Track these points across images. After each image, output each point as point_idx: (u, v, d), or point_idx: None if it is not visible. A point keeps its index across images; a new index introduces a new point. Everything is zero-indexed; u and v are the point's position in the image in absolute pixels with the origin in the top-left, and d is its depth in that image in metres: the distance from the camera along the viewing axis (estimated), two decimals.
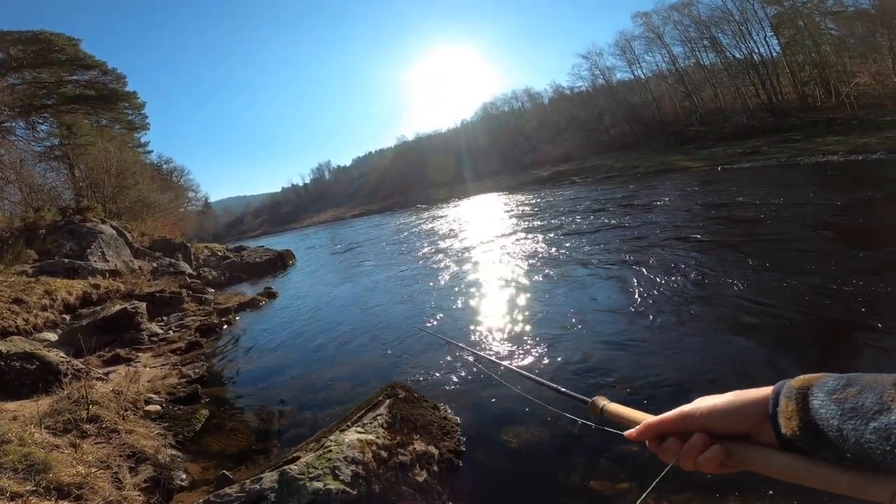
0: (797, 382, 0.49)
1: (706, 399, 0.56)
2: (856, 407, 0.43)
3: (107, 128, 29.73)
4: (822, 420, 0.45)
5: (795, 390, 0.49)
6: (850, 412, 0.43)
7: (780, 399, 0.50)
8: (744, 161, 23.09)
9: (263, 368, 5.93)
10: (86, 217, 13.60)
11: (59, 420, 3.49)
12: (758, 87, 35.81)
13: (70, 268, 10.41)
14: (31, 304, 7.89)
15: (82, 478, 2.69)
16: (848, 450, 0.44)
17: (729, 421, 0.53)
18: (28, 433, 3.06)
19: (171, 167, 38.77)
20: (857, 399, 0.44)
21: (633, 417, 0.63)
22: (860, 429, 0.42)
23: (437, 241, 15.73)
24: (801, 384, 0.49)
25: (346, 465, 2.59)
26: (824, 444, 0.46)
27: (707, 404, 0.55)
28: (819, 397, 0.47)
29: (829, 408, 0.45)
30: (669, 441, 0.57)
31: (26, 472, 2.61)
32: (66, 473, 2.67)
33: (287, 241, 31.36)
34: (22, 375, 4.98)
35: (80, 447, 3.11)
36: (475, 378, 4.34)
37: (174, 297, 10.16)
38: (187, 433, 4.10)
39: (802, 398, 0.48)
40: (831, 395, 0.46)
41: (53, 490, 2.54)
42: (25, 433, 3.04)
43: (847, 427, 0.43)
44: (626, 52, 45.10)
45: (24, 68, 26.23)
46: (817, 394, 0.47)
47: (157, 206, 24.42)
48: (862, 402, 0.43)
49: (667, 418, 0.58)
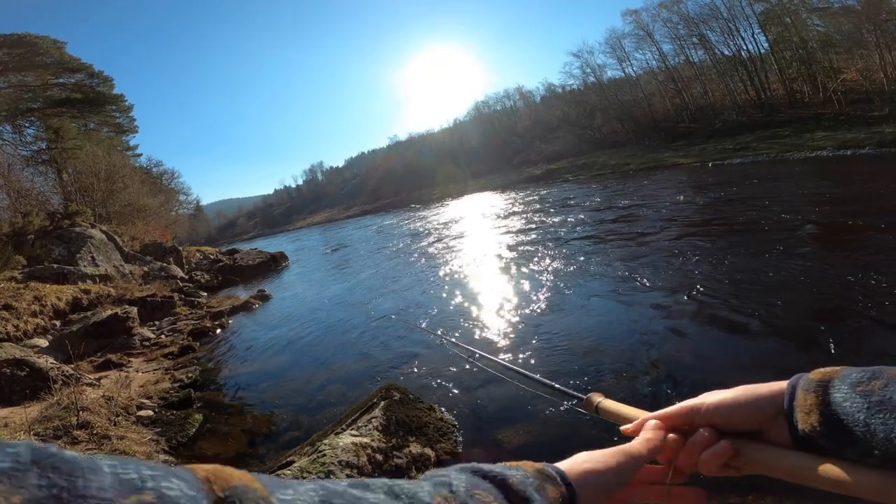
0: (816, 375, 0.46)
1: (712, 393, 0.52)
2: (884, 400, 0.40)
3: (95, 131, 29.45)
4: (846, 414, 0.42)
5: (815, 383, 0.46)
6: (878, 405, 0.40)
7: (797, 392, 0.46)
8: (734, 157, 23.27)
9: (257, 372, 5.88)
10: (75, 222, 13.44)
11: (49, 426, 3.45)
12: (746, 84, 36.19)
13: (60, 273, 10.29)
14: (20, 310, 7.80)
15: None
16: (876, 446, 0.41)
17: (738, 416, 0.49)
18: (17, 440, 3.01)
19: (161, 170, 38.47)
20: (885, 392, 0.41)
21: (629, 414, 0.59)
22: (889, 423, 0.39)
23: (431, 241, 15.71)
24: (821, 377, 0.46)
25: (340, 470, 2.57)
26: (849, 440, 0.42)
27: (714, 398, 0.51)
28: (842, 390, 0.43)
29: (855, 401, 0.42)
30: (670, 438, 0.53)
31: None
32: None
33: (280, 244, 31.20)
34: (12, 382, 4.92)
35: None
36: (471, 378, 4.32)
37: (166, 302, 10.08)
38: (181, 438, 4.05)
39: (823, 391, 0.45)
40: (856, 387, 0.43)
41: None
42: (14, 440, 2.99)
43: (875, 421, 0.40)
44: (616, 50, 45.42)
45: (9, 71, 25.94)
46: (840, 386, 0.44)
47: (148, 210, 24.23)
48: (890, 394, 0.40)
49: (669, 413, 0.54)
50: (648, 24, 40.91)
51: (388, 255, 14.64)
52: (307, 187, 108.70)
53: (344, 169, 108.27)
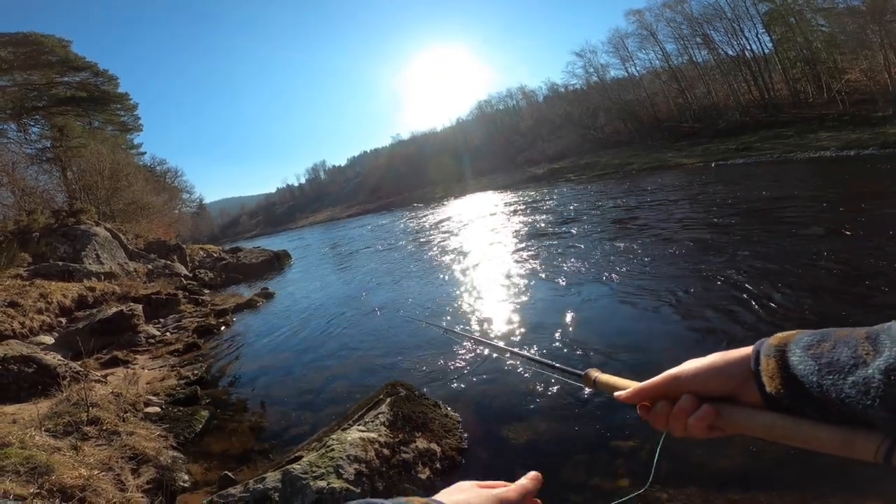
0: (775, 340, 0.50)
1: (691, 361, 0.55)
2: (832, 362, 0.44)
3: (99, 129, 29.50)
4: (802, 376, 0.45)
5: (774, 348, 0.49)
6: (827, 367, 0.44)
7: (760, 357, 0.50)
8: (737, 157, 23.22)
9: (262, 369, 5.92)
10: (79, 219, 13.49)
11: (59, 423, 3.48)
12: (750, 84, 36.10)
13: (65, 270, 10.34)
14: (26, 307, 7.84)
15: (85, 480, 2.68)
16: (831, 405, 0.44)
17: (714, 381, 0.53)
18: (28, 436, 3.05)
19: (164, 168, 38.52)
20: (833, 353, 0.44)
21: (623, 385, 0.63)
22: (839, 384, 0.42)
23: (433, 239, 15.73)
24: (778, 342, 0.49)
25: (349, 464, 2.59)
26: (808, 400, 0.46)
27: (692, 366, 0.55)
28: (797, 353, 0.47)
29: (807, 364, 0.45)
30: (659, 405, 0.57)
31: (29, 475, 2.59)
32: (68, 476, 2.65)
33: (283, 242, 31.24)
34: (20, 379, 4.95)
35: (82, 449, 3.10)
36: (475, 374, 4.36)
37: (170, 299, 10.12)
38: (188, 434, 4.09)
39: (782, 355, 0.48)
40: (807, 350, 0.46)
41: (57, 492, 2.52)
42: (26, 436, 3.03)
43: (826, 382, 0.43)
44: (619, 49, 45.39)
45: (15, 70, 25.95)
46: (794, 350, 0.47)
47: (152, 208, 24.29)
48: (837, 356, 0.43)
49: (655, 382, 0.57)
50: (652, 24, 40.90)
51: (390, 254, 14.68)
52: (310, 186, 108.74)
53: (346, 168, 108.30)
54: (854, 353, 0.42)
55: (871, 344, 0.42)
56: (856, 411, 0.42)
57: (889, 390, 0.39)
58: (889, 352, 0.40)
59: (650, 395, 0.58)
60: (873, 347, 0.42)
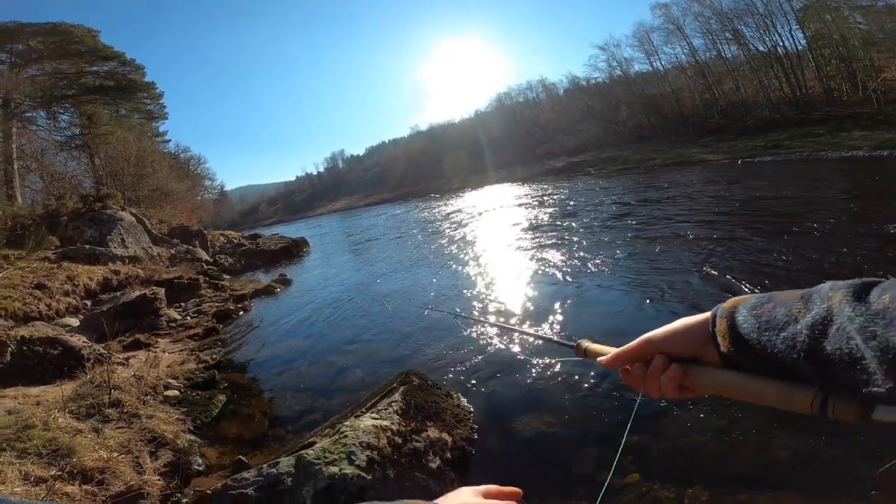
0: (728, 304, 0.53)
1: (661, 328, 0.59)
2: (770, 320, 0.47)
3: (126, 117, 30.08)
4: (745, 334, 0.49)
5: (726, 310, 0.52)
6: (765, 325, 0.47)
7: (716, 320, 0.53)
8: (765, 155, 22.53)
9: (278, 354, 6.01)
10: (106, 204, 13.81)
11: (82, 405, 3.56)
12: (781, 81, 34.94)
13: (91, 254, 10.61)
14: (53, 289, 8.07)
15: (104, 462, 2.74)
16: (770, 360, 0.47)
17: (681, 343, 0.57)
18: (52, 418, 3.13)
19: (188, 156, 39.12)
20: (772, 313, 0.48)
21: (606, 352, 0.68)
22: (773, 339, 0.46)
23: (449, 229, 15.71)
24: (730, 305, 0.53)
25: (361, 451, 2.61)
26: (754, 357, 0.49)
27: (663, 329, 0.59)
28: (742, 313, 0.50)
29: (750, 322, 0.49)
30: (636, 367, 0.61)
31: (50, 457, 2.67)
32: (89, 458, 2.72)
33: (301, 229, 31.60)
34: (45, 361, 5.10)
35: (103, 432, 3.17)
36: (488, 366, 4.36)
37: (192, 284, 10.32)
38: (205, 419, 4.15)
39: (731, 316, 0.51)
40: (752, 310, 0.50)
41: (77, 474, 2.59)
42: (49, 418, 3.11)
43: (763, 339, 0.47)
44: (644, 43, 44.37)
45: (45, 59, 26.57)
46: (741, 311, 0.51)
47: (175, 195, 24.71)
48: (775, 314, 0.47)
49: (631, 346, 0.62)
50: (679, 18, 39.78)
51: (406, 243, 14.72)
52: (328, 175, 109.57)
53: (364, 157, 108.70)
54: (788, 312, 0.46)
55: (803, 303, 0.46)
56: (788, 365, 0.46)
57: (813, 344, 0.43)
58: (817, 309, 0.44)
59: (628, 359, 0.62)
60: (805, 306, 0.45)
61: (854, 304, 0.41)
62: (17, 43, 25.53)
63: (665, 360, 0.58)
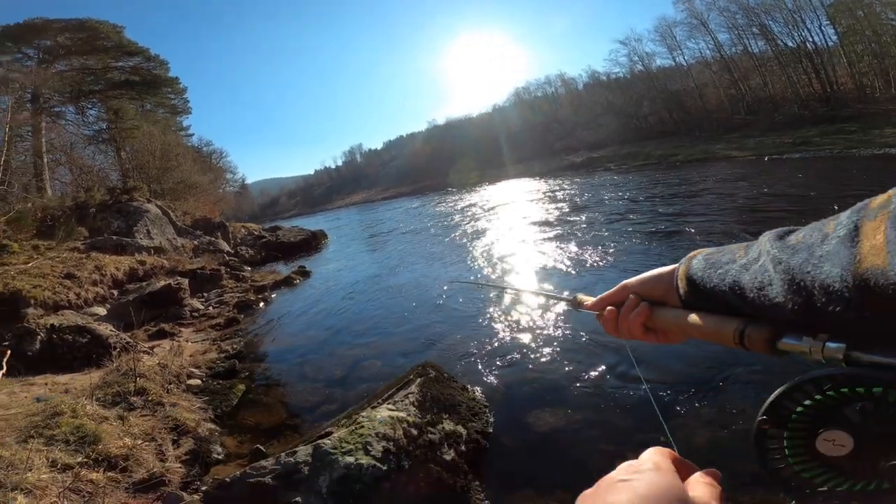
0: (691, 253, 0.59)
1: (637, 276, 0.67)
2: (715, 262, 0.53)
3: (151, 112, 30.75)
4: (695, 274, 0.55)
5: (688, 259, 0.59)
6: (711, 265, 0.53)
7: (679, 267, 0.60)
8: (793, 151, 21.83)
9: (297, 345, 6.09)
10: (133, 197, 14.18)
11: (108, 392, 3.66)
12: (811, 77, 33.76)
13: (118, 244, 10.91)
14: (82, 279, 8.32)
15: (129, 449, 2.81)
16: (710, 296, 0.53)
17: (650, 287, 0.64)
18: (80, 405, 3.22)
19: (210, 149, 39.77)
20: (720, 256, 0.54)
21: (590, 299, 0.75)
22: (712, 276, 0.52)
23: (466, 223, 15.69)
24: (693, 254, 0.59)
25: (377, 441, 2.64)
26: (701, 296, 0.55)
27: (636, 277, 0.66)
28: (698, 258, 0.57)
29: (701, 264, 0.55)
30: (608, 310, 0.68)
31: (78, 444, 2.74)
32: (114, 445, 2.79)
33: (320, 222, 31.93)
34: (74, 349, 5.27)
35: (128, 419, 3.26)
36: (505, 360, 4.37)
37: (214, 275, 10.54)
38: (225, 408, 4.22)
39: (689, 262, 0.58)
40: (706, 256, 0.56)
41: (102, 461, 2.66)
42: (78, 405, 3.20)
43: (706, 277, 0.53)
44: (666, 38, 43.32)
45: (73, 55, 27.16)
46: (698, 257, 0.57)
47: (198, 187, 25.19)
48: (721, 257, 0.53)
49: (610, 291, 0.69)
50: (703, 13, 38.70)
51: (423, 236, 14.76)
52: (346, 168, 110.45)
53: (382, 151, 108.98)
54: (731, 256, 0.52)
55: (745, 249, 0.51)
56: (720, 298, 0.51)
57: (738, 276, 0.48)
58: (752, 252, 0.49)
59: (607, 302, 0.69)
60: (745, 251, 0.51)
61: (774, 242, 0.46)
62: (44, 39, 26.15)
63: (636, 300, 0.64)
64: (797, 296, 0.41)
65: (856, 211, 0.39)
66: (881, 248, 0.35)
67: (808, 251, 0.41)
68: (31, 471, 2.46)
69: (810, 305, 0.40)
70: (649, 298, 0.64)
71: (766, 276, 0.45)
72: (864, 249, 0.36)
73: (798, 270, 0.41)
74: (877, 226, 0.36)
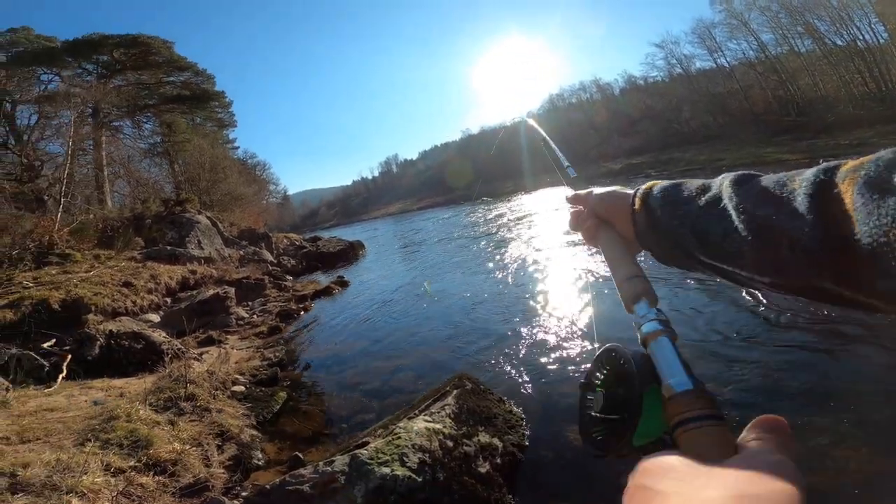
0: (647, 184, 0.60)
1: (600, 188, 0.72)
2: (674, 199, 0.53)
3: (200, 125, 32.29)
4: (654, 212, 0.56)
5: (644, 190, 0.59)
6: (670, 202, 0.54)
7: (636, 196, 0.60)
8: (850, 153, 20.27)
9: (335, 354, 6.24)
10: (185, 208, 14.95)
11: (160, 397, 3.85)
12: (865, 75, 32.00)
13: (171, 254, 11.51)
14: (138, 287, 8.83)
15: (177, 454, 2.94)
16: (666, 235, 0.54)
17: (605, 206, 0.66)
18: (135, 410, 3.40)
19: (254, 162, 41.64)
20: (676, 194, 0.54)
21: None
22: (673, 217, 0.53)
23: (502, 235, 15.59)
24: (649, 185, 0.60)
25: (413, 453, 2.67)
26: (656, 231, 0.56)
27: (597, 191, 0.70)
28: (655, 191, 0.57)
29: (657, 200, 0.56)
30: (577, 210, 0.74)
31: (130, 448, 2.88)
32: (164, 450, 2.92)
33: (357, 233, 32.50)
34: (130, 354, 5.58)
35: (177, 424, 3.41)
36: (542, 372, 4.33)
37: (258, 284, 10.94)
38: (266, 415, 4.33)
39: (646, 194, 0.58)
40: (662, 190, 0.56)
41: (152, 466, 2.78)
42: (132, 410, 3.39)
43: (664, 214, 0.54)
44: (705, 39, 42.07)
45: (128, 70, 28.52)
46: (655, 190, 0.57)
47: (244, 199, 26.20)
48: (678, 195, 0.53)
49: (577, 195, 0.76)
50: (742, 13, 37.31)
51: (458, 246, 14.79)
52: (382, 179, 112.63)
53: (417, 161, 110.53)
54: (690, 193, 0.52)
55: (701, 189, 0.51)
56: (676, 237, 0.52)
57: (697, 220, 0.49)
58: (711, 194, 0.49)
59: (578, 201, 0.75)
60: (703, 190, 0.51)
61: (734, 188, 0.46)
62: (102, 54, 27.65)
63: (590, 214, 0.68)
64: (761, 248, 0.42)
65: (823, 171, 0.39)
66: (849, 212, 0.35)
67: (773, 205, 0.41)
68: (86, 474, 2.55)
69: (774, 259, 0.41)
70: (603, 217, 0.66)
71: (728, 223, 0.45)
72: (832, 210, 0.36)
73: (763, 223, 0.42)
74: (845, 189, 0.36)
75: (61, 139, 17.23)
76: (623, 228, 0.62)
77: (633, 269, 0.55)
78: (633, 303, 0.51)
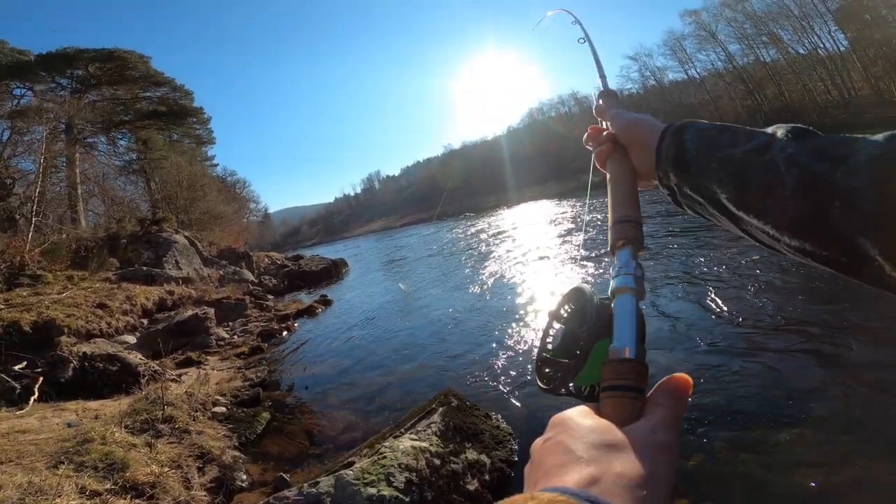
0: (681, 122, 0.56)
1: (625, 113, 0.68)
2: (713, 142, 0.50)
3: (178, 142, 31.66)
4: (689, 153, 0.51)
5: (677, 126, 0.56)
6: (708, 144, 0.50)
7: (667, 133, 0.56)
8: None
9: (319, 374, 6.14)
10: (161, 227, 14.66)
11: (137, 419, 3.74)
12: (827, 83, 33.58)
13: (148, 275, 11.25)
14: (113, 308, 8.60)
15: (156, 477, 2.85)
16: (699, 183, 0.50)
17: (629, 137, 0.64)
18: (110, 432, 3.29)
19: (234, 179, 41.15)
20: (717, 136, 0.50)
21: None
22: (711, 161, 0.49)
23: (485, 249, 15.68)
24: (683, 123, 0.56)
25: (399, 472, 2.64)
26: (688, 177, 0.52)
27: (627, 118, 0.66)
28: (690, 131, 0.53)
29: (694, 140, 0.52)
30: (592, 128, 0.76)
31: (106, 471, 2.79)
32: (141, 472, 2.83)
33: (340, 251, 32.30)
34: (104, 376, 5.41)
35: (155, 447, 3.31)
36: (528, 386, 4.33)
37: (238, 304, 10.75)
38: (249, 435, 4.25)
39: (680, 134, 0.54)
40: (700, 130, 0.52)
41: (129, 489, 2.70)
42: (108, 432, 3.28)
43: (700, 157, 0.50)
44: (676, 51, 43.63)
45: (103, 85, 27.84)
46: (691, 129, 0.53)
47: (223, 217, 25.81)
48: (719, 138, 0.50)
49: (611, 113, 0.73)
50: (710, 24, 38.95)
51: (441, 263, 14.81)
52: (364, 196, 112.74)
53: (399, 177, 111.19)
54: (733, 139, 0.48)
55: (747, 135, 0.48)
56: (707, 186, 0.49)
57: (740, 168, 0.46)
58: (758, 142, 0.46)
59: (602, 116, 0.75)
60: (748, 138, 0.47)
61: (792, 141, 0.44)
62: (76, 69, 26.98)
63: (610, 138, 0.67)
64: (810, 204, 0.40)
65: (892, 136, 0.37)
66: None
67: (831, 162, 0.39)
68: (59, 497, 2.49)
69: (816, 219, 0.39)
70: (622, 142, 0.64)
71: (774, 174, 0.42)
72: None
73: (818, 178, 0.39)
74: None
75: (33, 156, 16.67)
76: (639, 158, 0.59)
77: (631, 212, 0.54)
78: (618, 248, 0.51)
